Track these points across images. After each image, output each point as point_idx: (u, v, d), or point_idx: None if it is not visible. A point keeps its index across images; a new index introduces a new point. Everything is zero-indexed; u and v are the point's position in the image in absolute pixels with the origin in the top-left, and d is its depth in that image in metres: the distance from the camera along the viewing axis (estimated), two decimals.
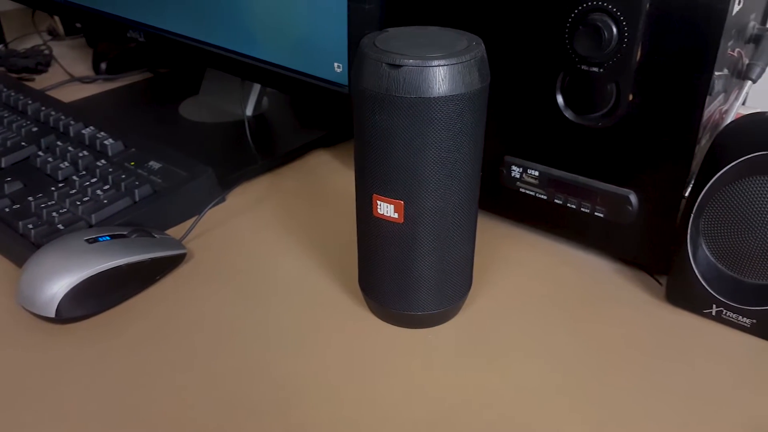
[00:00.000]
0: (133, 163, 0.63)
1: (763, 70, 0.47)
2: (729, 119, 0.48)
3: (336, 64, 0.54)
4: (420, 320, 0.47)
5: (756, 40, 0.49)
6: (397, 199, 0.42)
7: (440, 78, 0.38)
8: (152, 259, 0.51)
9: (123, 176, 0.60)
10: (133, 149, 0.65)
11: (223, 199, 0.63)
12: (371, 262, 0.46)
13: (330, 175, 0.70)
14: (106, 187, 0.59)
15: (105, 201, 0.57)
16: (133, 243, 0.51)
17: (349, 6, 0.50)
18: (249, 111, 0.79)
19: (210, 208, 0.60)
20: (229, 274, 0.54)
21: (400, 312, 0.47)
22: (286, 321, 0.49)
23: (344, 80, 0.55)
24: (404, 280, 0.45)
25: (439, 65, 0.38)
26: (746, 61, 0.49)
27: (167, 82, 0.90)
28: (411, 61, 0.38)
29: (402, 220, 0.42)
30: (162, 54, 0.95)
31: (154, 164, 0.63)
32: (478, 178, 0.44)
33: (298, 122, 0.78)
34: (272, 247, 0.57)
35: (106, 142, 0.65)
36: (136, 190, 0.58)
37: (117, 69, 0.94)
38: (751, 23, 0.49)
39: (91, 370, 0.44)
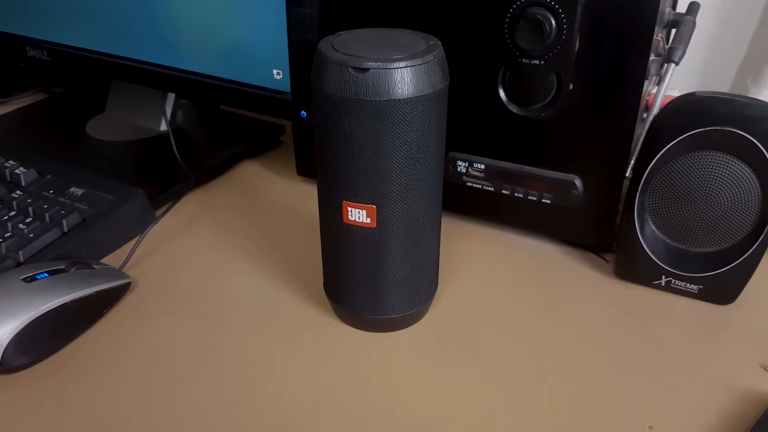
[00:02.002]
0: (52, 191, 0.58)
1: (683, 53, 0.51)
2: (658, 101, 0.51)
3: (275, 71, 0.53)
4: (393, 323, 0.47)
5: (674, 25, 0.52)
6: (369, 203, 0.41)
7: (408, 79, 0.38)
8: (98, 292, 0.47)
9: (45, 206, 0.55)
10: (49, 176, 0.60)
11: (156, 221, 0.60)
12: (341, 270, 0.45)
13: (263, 185, 0.68)
14: (29, 219, 0.54)
15: (31, 235, 0.52)
16: (74, 277, 0.47)
17: (288, 11, 0.48)
18: (165, 125, 0.75)
19: (148, 231, 0.56)
20: (179, 299, 0.51)
21: (373, 317, 0.46)
22: (252, 340, 0.47)
23: (285, 87, 0.53)
24: (377, 285, 0.44)
25: (406, 66, 0.37)
26: (667, 45, 0.53)
27: (67, 101, 0.84)
28: (377, 63, 0.37)
29: (375, 225, 0.42)
30: (69, 71, 0.87)
31: (76, 190, 0.58)
32: (442, 176, 0.44)
33: (216, 134, 0.75)
34: (220, 265, 0.55)
35: (17, 171, 0.59)
36: (64, 220, 0.53)
37: (6, 92, 0.86)
38: (667, 9, 0.53)
39: (48, 423, 0.40)
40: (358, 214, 0.42)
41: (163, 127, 0.74)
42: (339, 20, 0.53)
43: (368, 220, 0.42)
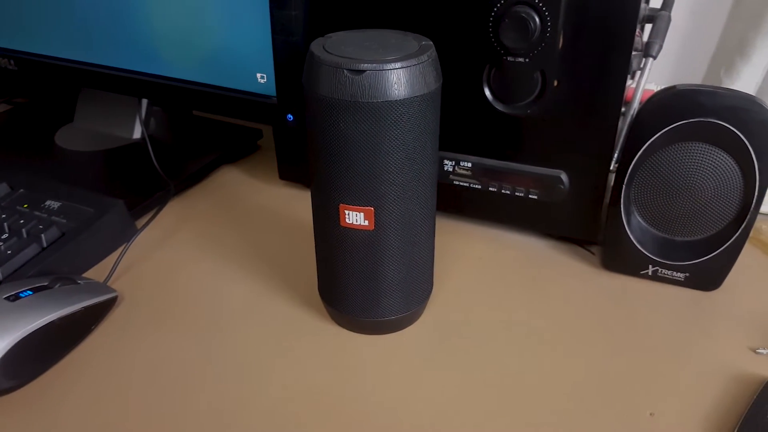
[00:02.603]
0: (26, 206, 0.56)
1: (661, 47, 0.52)
2: (638, 95, 0.52)
3: (259, 75, 0.52)
4: (391, 325, 0.47)
5: (650, 20, 0.54)
6: (366, 206, 0.41)
7: (404, 80, 0.38)
8: (85, 308, 0.46)
9: (21, 221, 0.53)
10: (22, 190, 0.58)
11: (139, 232, 0.58)
12: (338, 274, 0.45)
13: (244, 191, 0.67)
14: (5, 236, 0.52)
15: (9, 252, 0.50)
16: (60, 293, 0.46)
17: (272, 14, 0.48)
18: (137, 133, 0.73)
19: (132, 242, 0.55)
20: (169, 311, 0.50)
21: (371, 320, 0.46)
22: (250, 350, 0.46)
23: (270, 91, 0.52)
24: (375, 288, 0.44)
25: (401, 67, 0.37)
26: (644, 40, 0.54)
27: (32, 112, 0.81)
28: (373, 65, 0.37)
29: (373, 227, 0.41)
30: (38, 80, 0.84)
31: (52, 204, 0.56)
32: (437, 176, 0.44)
33: (191, 141, 0.74)
34: (208, 274, 0.54)
35: None
36: (42, 235, 0.52)
37: None
38: (643, 4, 0.54)
39: None
40: (355, 217, 0.41)
41: (136, 135, 0.73)
42: (324, 22, 0.52)
43: (366, 223, 0.41)
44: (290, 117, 0.53)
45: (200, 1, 0.52)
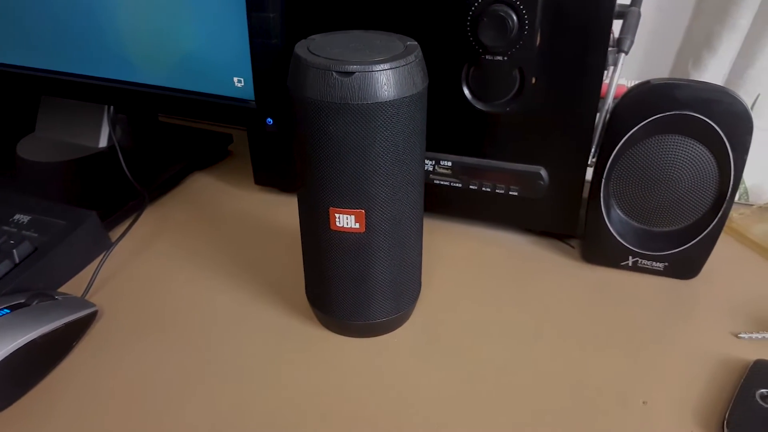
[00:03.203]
0: None
1: (632, 43, 0.53)
2: (612, 90, 0.53)
3: (236, 79, 0.51)
4: (382, 327, 0.46)
5: (620, 15, 0.55)
6: (357, 208, 0.40)
7: (393, 81, 0.37)
8: (66, 324, 0.44)
9: None
10: None
11: (115, 244, 0.57)
12: (328, 278, 0.44)
13: (219, 198, 0.65)
14: None
15: None
16: (38, 310, 0.44)
17: (249, 16, 0.47)
18: (103, 142, 0.71)
19: (108, 255, 0.53)
20: (152, 324, 0.48)
21: (361, 322, 0.46)
22: (239, 359, 0.45)
23: (248, 95, 0.51)
24: (366, 290, 0.44)
25: (390, 68, 0.37)
26: (615, 35, 0.55)
27: None
28: (362, 66, 0.37)
29: (363, 230, 0.41)
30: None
31: (22, 217, 0.54)
32: (424, 176, 0.44)
33: (159, 148, 0.72)
34: (189, 284, 0.53)
35: None
36: (14, 251, 0.50)
37: None
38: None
39: None
40: (346, 220, 0.41)
41: (102, 143, 0.70)
42: (302, 24, 0.52)
43: (357, 225, 0.41)
44: (270, 121, 0.53)
45: (174, 6, 0.50)
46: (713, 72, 0.59)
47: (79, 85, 0.61)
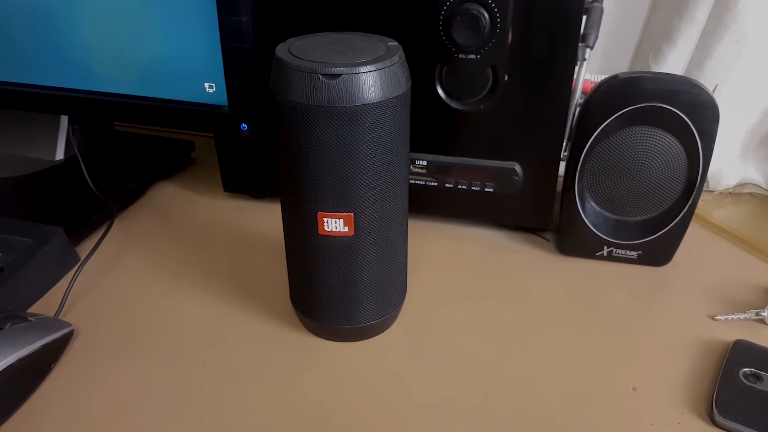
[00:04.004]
0: None
1: (596, 38, 0.54)
2: (579, 85, 0.54)
3: (207, 85, 0.50)
4: (369, 330, 0.46)
5: (585, 12, 0.56)
6: (346, 212, 0.40)
7: (379, 82, 0.37)
8: (42, 346, 0.43)
9: None
10: None
11: (86, 260, 0.54)
12: (315, 283, 0.44)
13: (186, 206, 0.64)
14: None
15: None
16: (13, 333, 0.42)
17: (221, 19, 0.46)
18: (60, 154, 0.68)
19: (80, 272, 0.51)
20: (131, 340, 0.47)
21: (350, 326, 0.45)
22: (225, 371, 0.44)
23: (220, 100, 0.50)
24: (355, 293, 0.44)
25: (376, 69, 0.37)
26: (581, 30, 0.56)
27: None
28: (348, 69, 0.36)
29: (352, 233, 0.41)
30: None
31: None
32: (408, 176, 0.44)
33: (118, 158, 0.70)
34: (166, 296, 0.51)
35: None
36: None
37: None
38: None
39: None
40: (335, 224, 0.41)
41: (59, 156, 0.68)
42: (275, 27, 0.51)
43: (346, 229, 0.41)
44: (244, 126, 0.51)
45: (140, 10, 0.49)
46: (673, 64, 0.61)
47: (33, 95, 0.58)
